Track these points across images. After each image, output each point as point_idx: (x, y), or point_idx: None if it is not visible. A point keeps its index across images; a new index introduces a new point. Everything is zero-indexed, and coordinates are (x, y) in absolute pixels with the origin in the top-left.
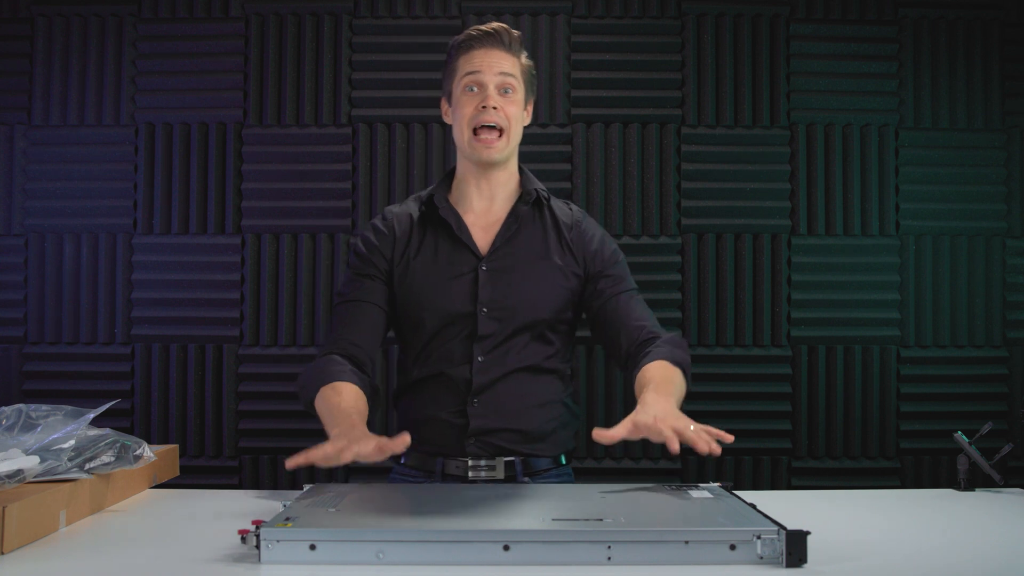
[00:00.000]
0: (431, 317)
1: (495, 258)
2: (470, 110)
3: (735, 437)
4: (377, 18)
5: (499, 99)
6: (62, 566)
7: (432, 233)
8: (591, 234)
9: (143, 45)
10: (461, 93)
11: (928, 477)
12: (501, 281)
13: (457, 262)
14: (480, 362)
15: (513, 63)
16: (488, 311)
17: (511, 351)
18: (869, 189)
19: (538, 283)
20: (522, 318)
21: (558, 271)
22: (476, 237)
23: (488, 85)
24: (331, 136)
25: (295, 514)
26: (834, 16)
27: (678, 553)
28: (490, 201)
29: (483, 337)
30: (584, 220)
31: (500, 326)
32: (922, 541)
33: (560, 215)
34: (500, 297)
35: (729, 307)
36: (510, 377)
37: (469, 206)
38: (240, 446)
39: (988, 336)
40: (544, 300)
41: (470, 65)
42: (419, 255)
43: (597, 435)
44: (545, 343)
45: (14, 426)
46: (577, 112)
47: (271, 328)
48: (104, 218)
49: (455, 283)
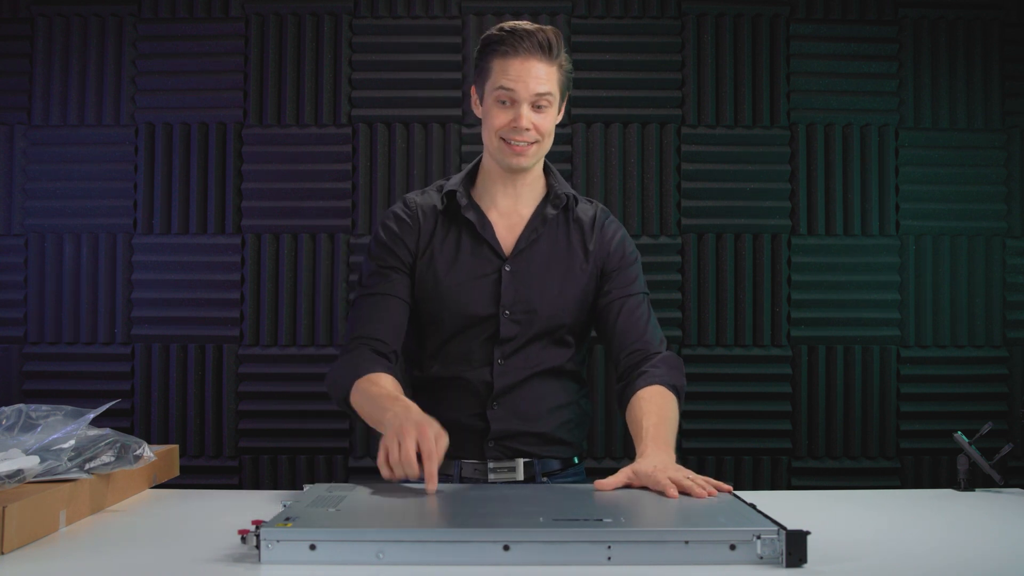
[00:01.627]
0: (451, 317)
1: (519, 260)
2: (501, 122)
3: (735, 437)
4: (377, 18)
5: (533, 116)
6: (62, 566)
7: (455, 228)
8: (612, 233)
9: (143, 45)
10: (493, 103)
11: (928, 477)
12: (524, 284)
13: (480, 261)
14: (500, 365)
15: (550, 73)
16: (510, 314)
17: (532, 354)
18: (869, 189)
19: (561, 287)
20: (544, 322)
21: (580, 275)
22: (500, 236)
23: (522, 104)
24: (331, 136)
25: (295, 514)
26: (834, 16)
27: (678, 553)
28: (515, 200)
29: (504, 340)
30: (606, 219)
31: (521, 329)
32: (922, 541)
33: (583, 216)
34: (523, 300)
35: (729, 307)
36: (530, 380)
37: (493, 203)
38: (240, 446)
39: (988, 336)
40: (567, 305)
41: (505, 77)
42: (441, 251)
43: (598, 485)
44: (564, 346)
45: (14, 426)
46: (577, 112)
47: (271, 328)
48: (104, 218)
49: (477, 284)
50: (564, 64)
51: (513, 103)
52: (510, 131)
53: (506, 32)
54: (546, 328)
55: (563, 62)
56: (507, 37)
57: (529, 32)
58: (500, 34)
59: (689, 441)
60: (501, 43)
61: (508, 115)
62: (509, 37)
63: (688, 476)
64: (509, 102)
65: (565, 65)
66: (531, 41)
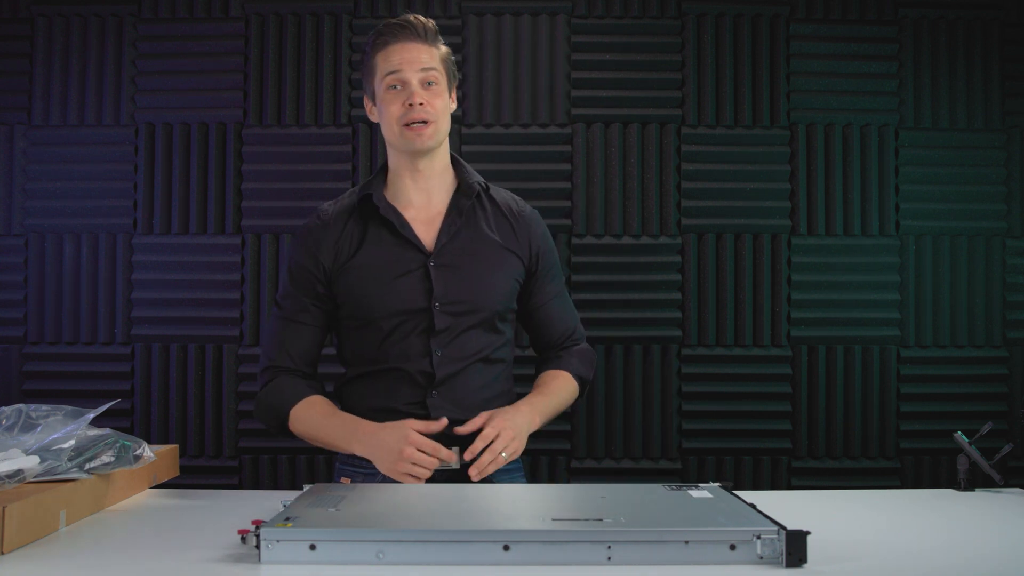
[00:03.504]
0: (384, 315)
1: (443, 254)
2: (397, 108)
3: (735, 437)
4: (377, 18)
5: (424, 93)
6: (62, 566)
7: (374, 230)
8: (537, 229)
9: (143, 45)
10: (385, 92)
11: (928, 477)
12: (453, 276)
13: (404, 260)
14: (439, 356)
15: (432, 54)
16: (441, 306)
17: (467, 342)
18: (869, 189)
19: (489, 276)
20: (476, 311)
21: (506, 262)
22: (419, 232)
23: (411, 82)
24: (331, 136)
25: (295, 514)
26: (834, 16)
27: (678, 553)
28: (427, 194)
29: (439, 331)
30: (527, 211)
31: (455, 320)
32: (922, 541)
33: (502, 203)
34: (453, 292)
35: (729, 307)
36: (468, 369)
37: (407, 201)
38: (240, 446)
39: (988, 336)
40: (496, 292)
41: (389, 64)
42: (362, 254)
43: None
44: (496, 333)
45: (14, 426)
46: (577, 112)
47: None
48: (104, 218)
49: (404, 280)
50: (443, 50)
51: (403, 84)
52: (406, 112)
53: (383, 26)
54: (479, 317)
55: (442, 48)
56: (384, 29)
57: (405, 20)
58: (377, 30)
59: (689, 441)
60: (379, 35)
61: (400, 98)
62: (385, 29)
63: (501, 447)
64: (400, 84)
65: (445, 51)
66: (408, 29)
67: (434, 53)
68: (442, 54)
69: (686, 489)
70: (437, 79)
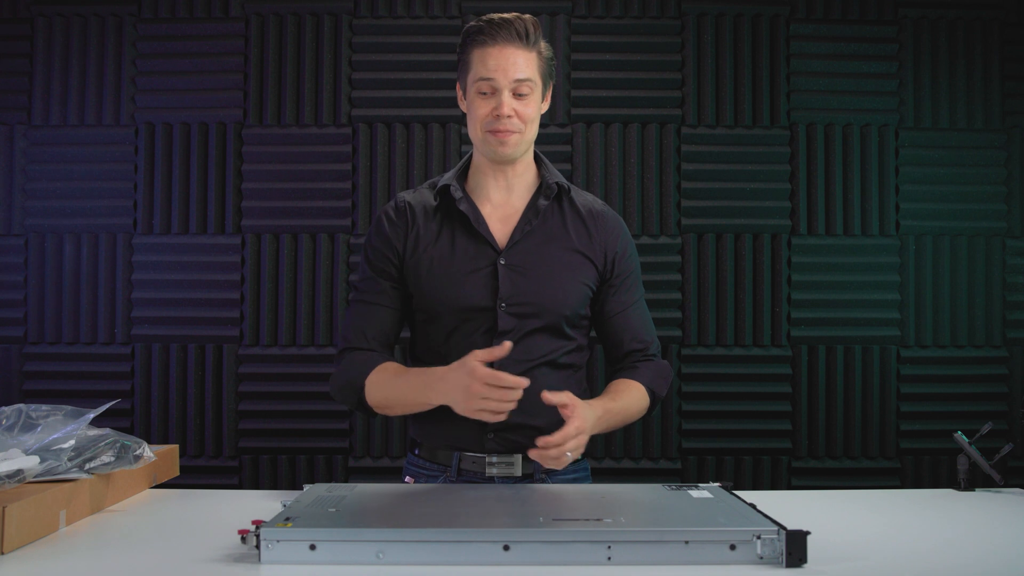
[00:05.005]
0: (448, 312)
1: (514, 253)
2: (484, 112)
3: (735, 437)
4: (377, 18)
5: (514, 104)
6: (62, 566)
7: (448, 223)
8: (617, 233)
9: (143, 45)
10: (475, 95)
11: (928, 477)
12: (521, 277)
13: (474, 256)
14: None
15: (529, 60)
16: (507, 307)
17: (531, 346)
18: (869, 189)
19: (559, 279)
20: (542, 314)
21: (579, 266)
22: (494, 229)
23: (503, 91)
24: (331, 136)
25: (295, 514)
26: (834, 16)
27: (678, 553)
28: (508, 192)
29: (503, 333)
30: (608, 213)
31: (519, 322)
32: (922, 541)
33: (581, 205)
34: (520, 293)
35: (729, 307)
36: (531, 373)
37: (486, 196)
38: (240, 446)
39: (988, 336)
40: (564, 297)
41: (484, 68)
42: (435, 246)
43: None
44: (564, 338)
45: (14, 426)
46: (577, 112)
47: (271, 328)
48: (104, 218)
49: (472, 277)
50: (544, 52)
51: (494, 92)
52: (493, 120)
53: (483, 23)
54: (544, 321)
55: (542, 50)
56: (484, 27)
57: (507, 21)
58: (478, 25)
59: (689, 441)
60: (479, 33)
61: (490, 104)
62: (487, 27)
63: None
64: (490, 91)
65: (545, 53)
66: (508, 30)
67: (531, 59)
68: (541, 58)
69: (686, 489)
70: (531, 88)
